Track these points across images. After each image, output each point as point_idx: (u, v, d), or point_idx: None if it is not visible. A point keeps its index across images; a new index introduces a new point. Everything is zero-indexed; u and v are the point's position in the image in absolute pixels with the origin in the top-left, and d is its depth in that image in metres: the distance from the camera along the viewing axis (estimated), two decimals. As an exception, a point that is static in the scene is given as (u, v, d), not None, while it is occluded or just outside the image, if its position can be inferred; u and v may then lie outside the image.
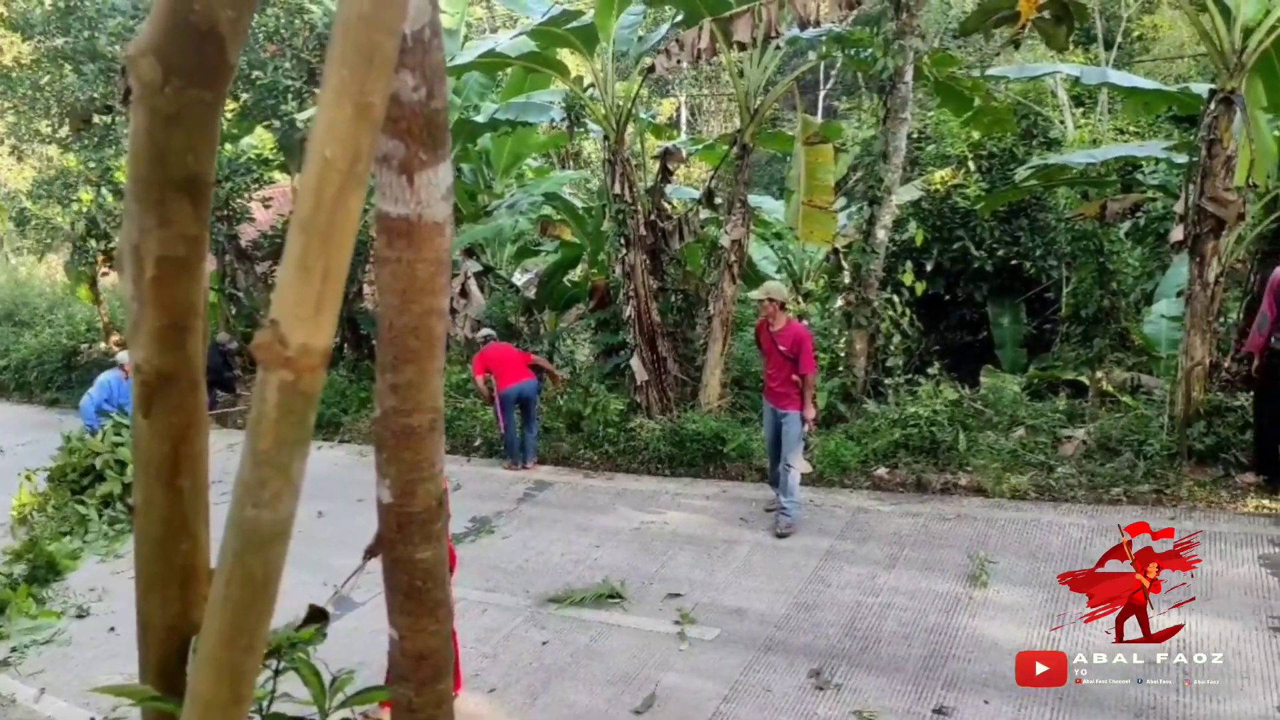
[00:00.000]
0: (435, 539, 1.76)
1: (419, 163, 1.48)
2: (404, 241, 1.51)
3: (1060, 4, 7.58)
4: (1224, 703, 4.86)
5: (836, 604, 6.26)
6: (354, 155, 1.19)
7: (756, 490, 8.42)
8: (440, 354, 1.72)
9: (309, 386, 1.23)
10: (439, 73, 1.48)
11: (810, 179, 9.56)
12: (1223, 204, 7.20)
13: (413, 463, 1.71)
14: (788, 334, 7.31)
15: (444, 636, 1.79)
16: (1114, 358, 9.91)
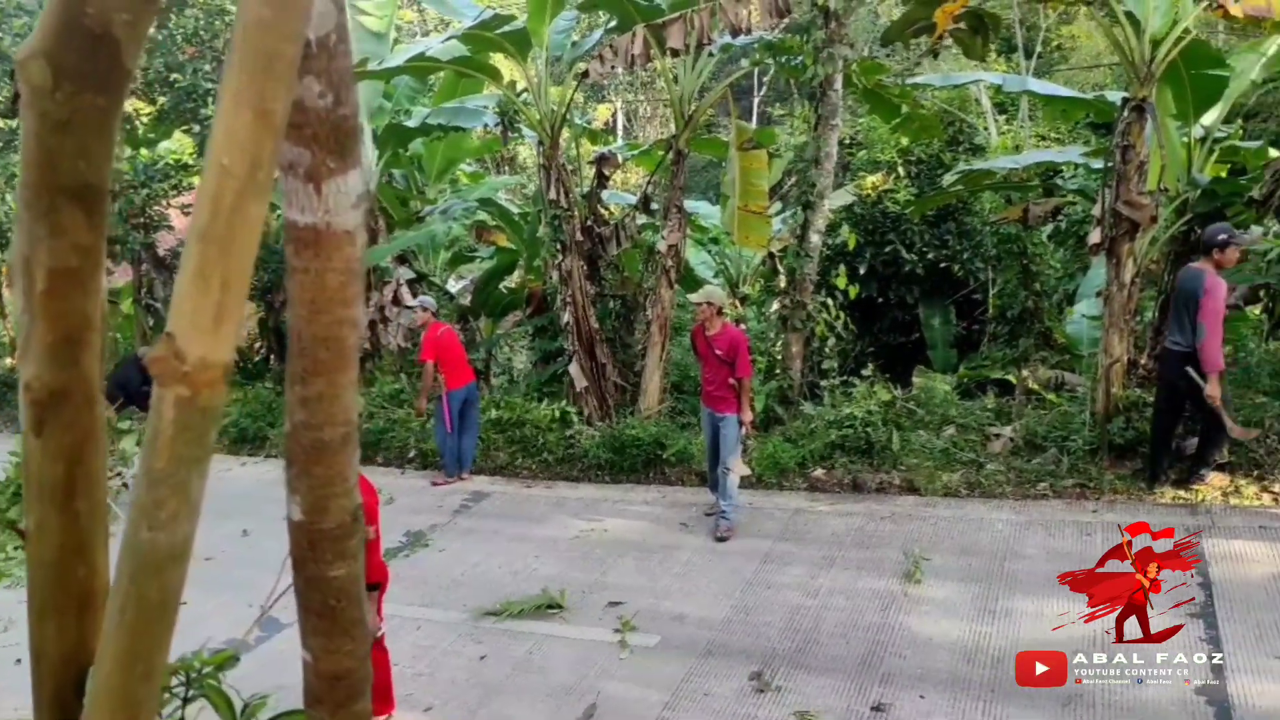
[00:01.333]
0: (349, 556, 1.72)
1: (327, 170, 1.45)
2: (312, 251, 1.48)
3: (976, 16, 7.78)
4: (1143, 686, 5.00)
5: (776, 606, 6.31)
6: (253, 163, 1.16)
7: (696, 495, 8.45)
8: (352, 366, 1.69)
9: (208, 402, 1.19)
10: (346, 79, 1.45)
11: (745, 184, 9.65)
12: (1137, 207, 7.44)
13: (324, 478, 1.67)
14: (724, 338, 7.36)
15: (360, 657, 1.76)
16: (1039, 356, 10.19)
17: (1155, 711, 4.82)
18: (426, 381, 9.12)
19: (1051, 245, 11.62)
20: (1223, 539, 6.43)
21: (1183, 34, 7.31)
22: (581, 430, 9.73)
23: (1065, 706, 4.93)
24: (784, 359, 9.70)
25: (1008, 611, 5.90)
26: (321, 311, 1.52)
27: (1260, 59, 8.52)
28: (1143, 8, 7.28)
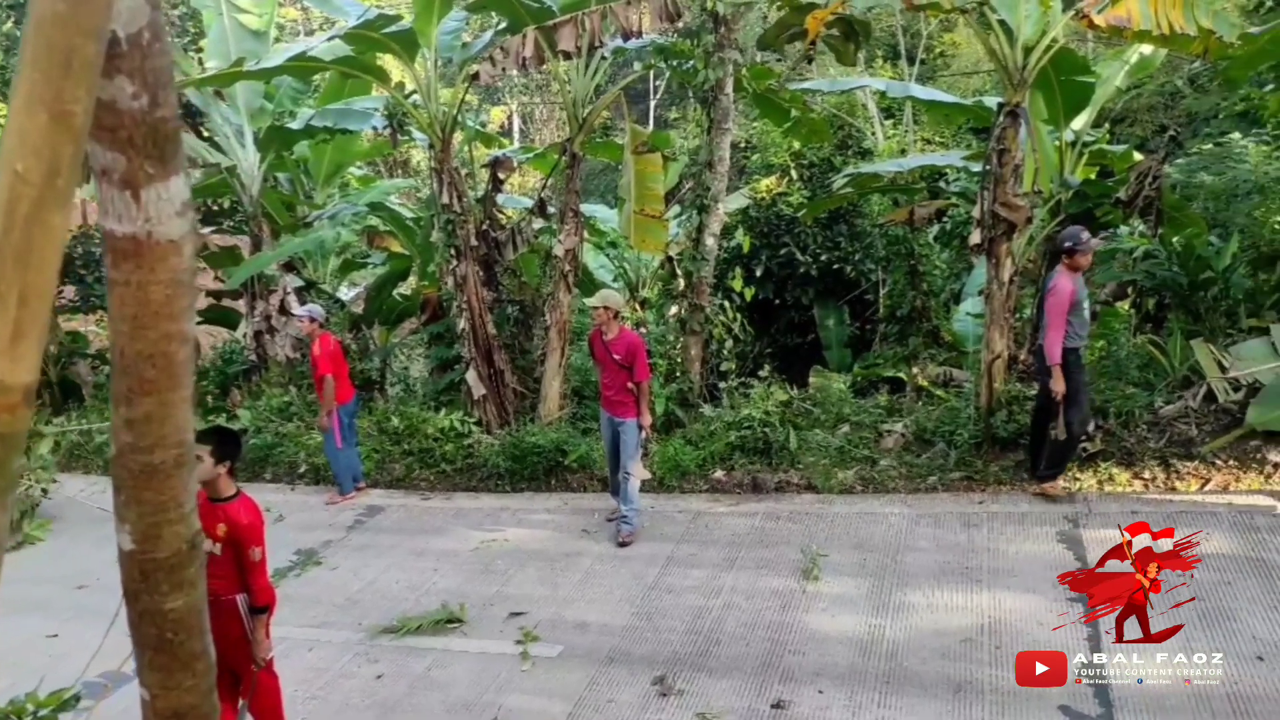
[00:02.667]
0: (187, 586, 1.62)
1: (145, 177, 1.36)
2: (132, 263, 1.38)
3: (847, 23, 7.99)
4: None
5: (678, 609, 6.32)
6: (51, 169, 1.07)
7: (598, 501, 8.42)
8: (185, 383, 1.58)
9: (8, 428, 1.10)
10: (164, 79, 1.36)
11: (640, 188, 9.65)
12: (1013, 209, 7.73)
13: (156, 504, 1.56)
14: (621, 342, 7.34)
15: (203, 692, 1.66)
16: (928, 354, 10.51)
17: (1041, 693, 4.99)
18: (330, 396, 8.72)
19: (937, 246, 12.01)
20: (1098, 526, 6.72)
21: (1052, 42, 7.63)
22: (480, 439, 9.59)
23: (957, 694, 5.07)
24: (683, 362, 9.76)
25: (901, 604, 6.05)
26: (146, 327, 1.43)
27: (1124, 66, 8.98)
28: (1015, 17, 7.57)
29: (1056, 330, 6.88)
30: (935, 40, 19.10)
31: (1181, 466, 7.36)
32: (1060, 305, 6.86)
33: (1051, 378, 6.94)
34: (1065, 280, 6.91)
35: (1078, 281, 6.98)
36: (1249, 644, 5.19)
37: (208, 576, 4.38)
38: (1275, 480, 7.07)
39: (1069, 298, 6.86)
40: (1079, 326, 6.99)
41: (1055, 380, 6.91)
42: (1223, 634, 5.30)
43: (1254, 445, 7.34)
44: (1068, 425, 7.02)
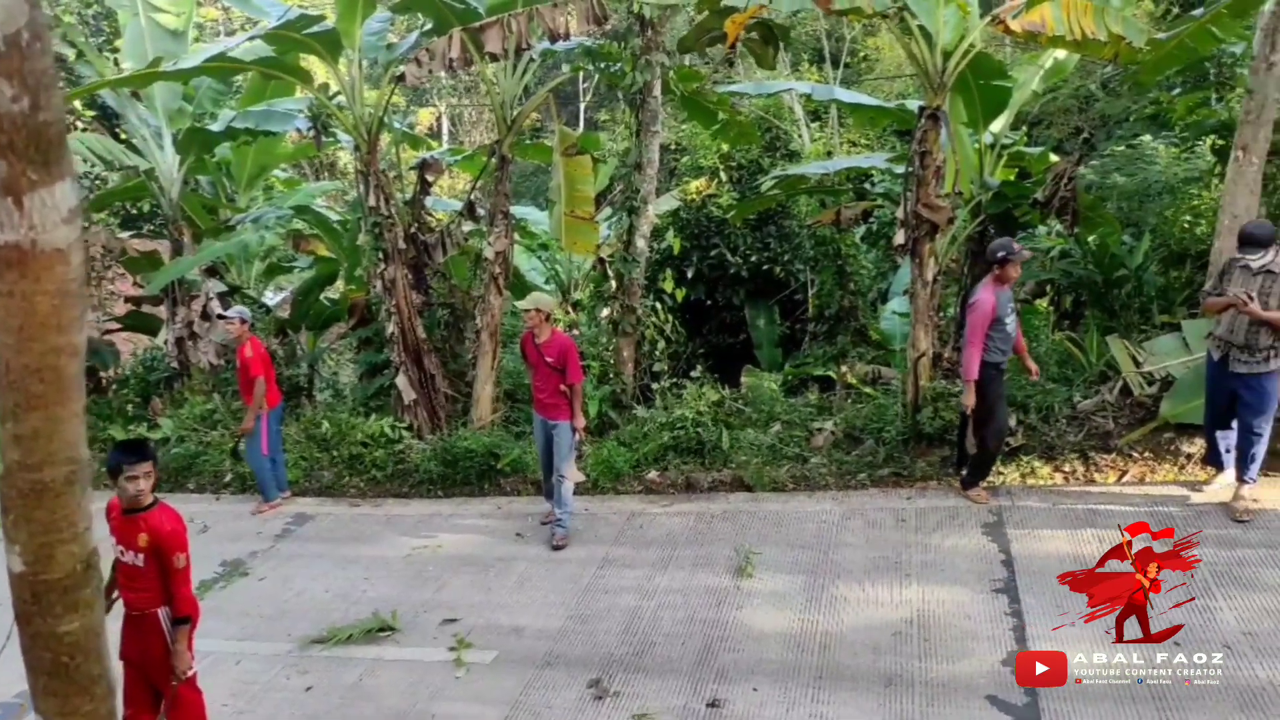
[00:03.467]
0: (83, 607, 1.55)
1: (28, 182, 1.30)
2: (16, 272, 1.32)
3: (766, 27, 8.08)
4: (956, 663, 5.31)
5: (613, 611, 6.33)
6: None
7: (532, 504, 8.37)
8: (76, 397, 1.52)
9: None
10: (45, 80, 1.31)
11: (570, 190, 9.65)
12: (935, 210, 7.91)
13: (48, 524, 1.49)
14: (554, 345, 7.31)
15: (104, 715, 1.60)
16: (856, 353, 10.68)
17: (968, 684, 5.11)
18: (259, 398, 8.48)
19: (864, 246, 12.23)
20: (1021, 517, 6.91)
21: (970, 47, 7.82)
22: (411, 444, 9.46)
23: (888, 687, 5.17)
24: (616, 363, 9.77)
25: (833, 599, 6.14)
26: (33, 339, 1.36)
27: (1039, 71, 9.24)
28: (934, 22, 7.74)
29: (974, 346, 6.84)
30: (859, 44, 19.45)
31: (1100, 459, 7.61)
32: (980, 320, 6.82)
33: (965, 391, 6.97)
34: (987, 294, 6.90)
35: (1001, 295, 6.92)
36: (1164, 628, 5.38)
37: (129, 590, 4.30)
38: (1188, 471, 7.35)
39: (990, 312, 6.82)
40: (1000, 341, 6.93)
41: (966, 395, 6.96)
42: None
43: (1168, 437, 7.62)
44: (982, 440, 7.14)
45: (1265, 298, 6.13)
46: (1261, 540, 6.21)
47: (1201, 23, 7.23)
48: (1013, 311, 7.04)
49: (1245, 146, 8.06)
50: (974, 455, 7.34)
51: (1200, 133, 10.51)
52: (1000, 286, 6.93)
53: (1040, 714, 4.80)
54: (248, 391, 8.54)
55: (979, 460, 7.34)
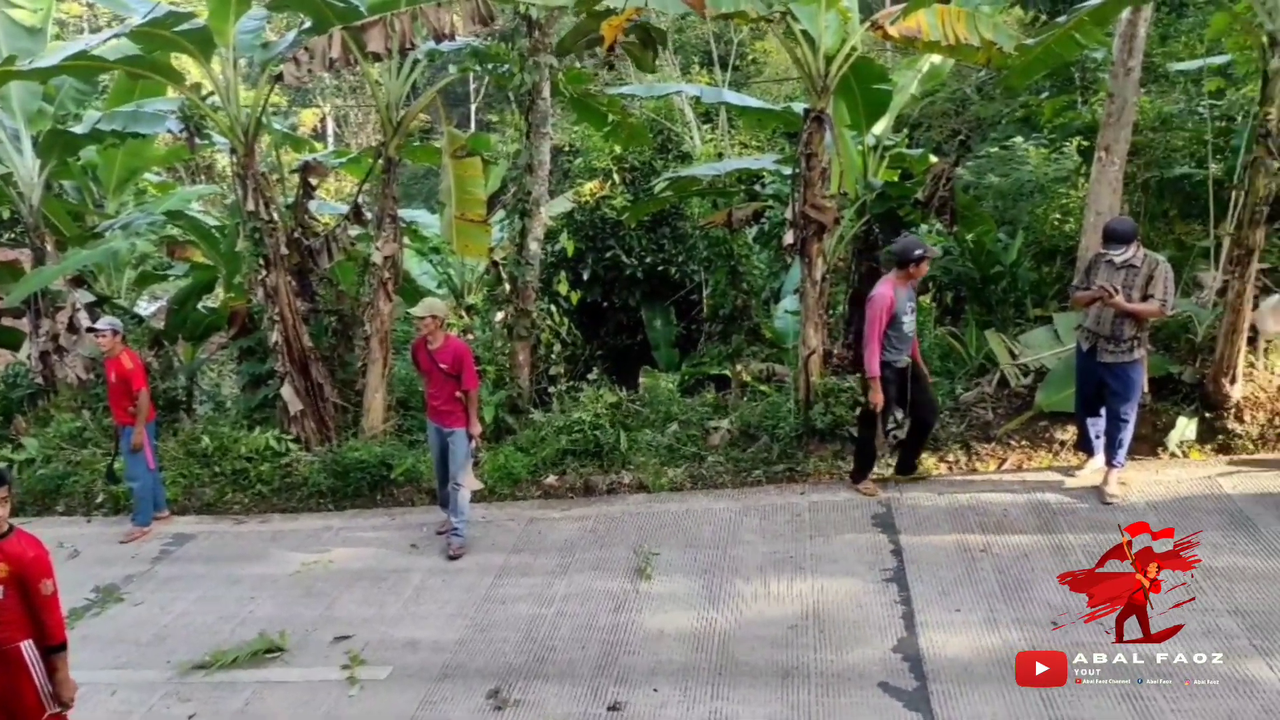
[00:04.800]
0: None
1: None
2: None
3: (644, 30, 8.14)
4: (850, 652, 5.44)
5: (512, 619, 6.25)
6: None
7: (427, 514, 8.18)
8: None
9: None
10: None
11: (461, 192, 9.51)
12: (822, 210, 8.08)
13: None
14: (447, 351, 7.18)
15: None
16: (750, 351, 10.84)
17: (862, 672, 5.23)
18: (144, 410, 8.06)
19: (756, 247, 12.43)
20: (908, 508, 7.11)
21: (851, 51, 8.02)
22: (299, 457, 9.15)
23: (785, 679, 5.25)
24: (511, 368, 9.65)
25: (731, 596, 6.20)
26: None
27: (917, 75, 9.56)
28: (816, 27, 7.90)
29: (874, 340, 6.81)
30: (747, 48, 19.78)
31: (981, 449, 7.89)
32: (877, 313, 6.79)
33: (869, 390, 6.98)
34: (886, 287, 6.89)
35: (900, 292, 6.89)
36: (1044, 611, 5.61)
37: (-10, 624, 4.01)
38: (1062, 457, 7.69)
39: (888, 306, 6.80)
40: (897, 340, 6.94)
41: (873, 393, 6.95)
42: (1021, 603, 5.71)
43: (1043, 426, 7.96)
44: (864, 438, 7.34)
45: (1128, 290, 6.46)
46: (1129, 522, 6.51)
47: (1065, 29, 7.56)
48: (911, 310, 7.06)
49: (1108, 147, 8.50)
50: (856, 449, 7.52)
51: (1067, 134, 11.04)
52: (902, 284, 6.93)
53: (930, 696, 4.95)
54: (122, 406, 8.09)
55: (861, 454, 7.51)
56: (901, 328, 6.93)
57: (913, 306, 7.12)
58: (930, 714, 4.83)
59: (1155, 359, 7.63)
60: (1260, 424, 7.42)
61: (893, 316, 6.85)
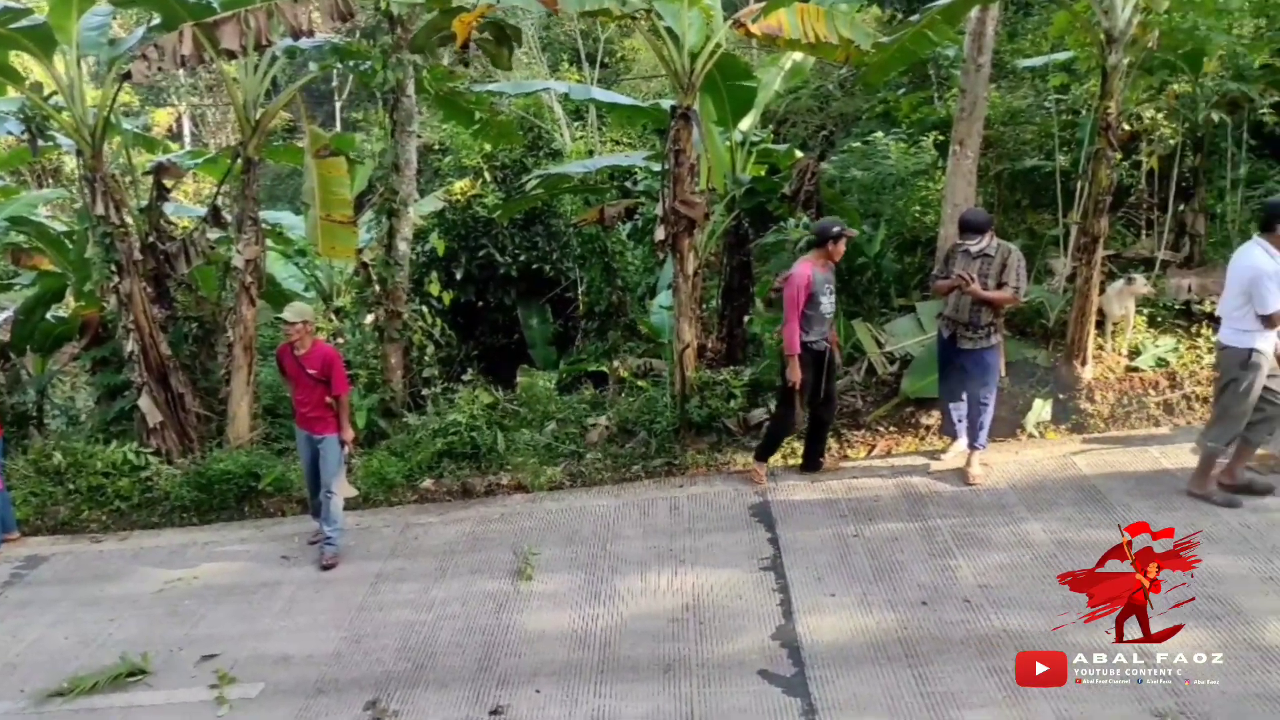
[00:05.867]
0: None
1: None
2: None
3: (498, 27, 8.11)
4: (730, 642, 5.54)
5: (390, 627, 6.12)
6: None
7: (298, 524, 7.93)
8: None
9: None
10: None
11: (325, 193, 9.28)
12: (691, 206, 8.19)
13: None
14: (315, 356, 6.97)
15: None
16: (628, 347, 10.91)
17: (742, 660, 5.34)
18: None
19: (631, 243, 12.50)
20: (784, 496, 7.29)
21: (716, 49, 8.15)
22: (160, 470, 8.71)
23: (667, 673, 5.31)
24: (384, 371, 9.45)
25: (612, 592, 6.24)
26: None
27: (780, 72, 9.79)
28: (680, 24, 8.00)
29: (792, 320, 6.83)
30: (616, 45, 19.86)
31: (851, 435, 8.15)
32: (794, 293, 6.81)
33: (788, 367, 6.98)
34: (804, 267, 6.91)
35: (818, 274, 6.92)
36: (914, 591, 5.85)
37: None
38: (928, 441, 8.02)
39: (806, 285, 6.81)
40: (815, 320, 6.96)
41: (790, 369, 6.95)
42: (893, 585, 5.93)
43: (909, 411, 8.28)
44: (776, 419, 7.42)
45: (984, 279, 6.78)
46: (991, 502, 6.88)
47: (918, 27, 7.85)
48: (830, 292, 7.06)
49: (962, 141, 8.89)
50: (769, 427, 7.60)
51: (924, 129, 11.49)
52: (820, 264, 6.97)
53: (807, 681, 5.08)
54: None
55: (772, 433, 7.57)
56: (819, 308, 6.95)
57: (831, 288, 7.10)
58: (809, 698, 4.95)
59: (1011, 344, 8.04)
60: (1110, 403, 7.90)
61: (810, 296, 6.87)
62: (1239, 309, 6.11)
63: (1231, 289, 6.19)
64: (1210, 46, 8.17)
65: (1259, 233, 6.15)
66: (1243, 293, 6.05)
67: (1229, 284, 6.23)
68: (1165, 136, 9.05)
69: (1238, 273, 6.13)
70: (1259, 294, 5.94)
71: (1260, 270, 5.92)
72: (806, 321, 6.94)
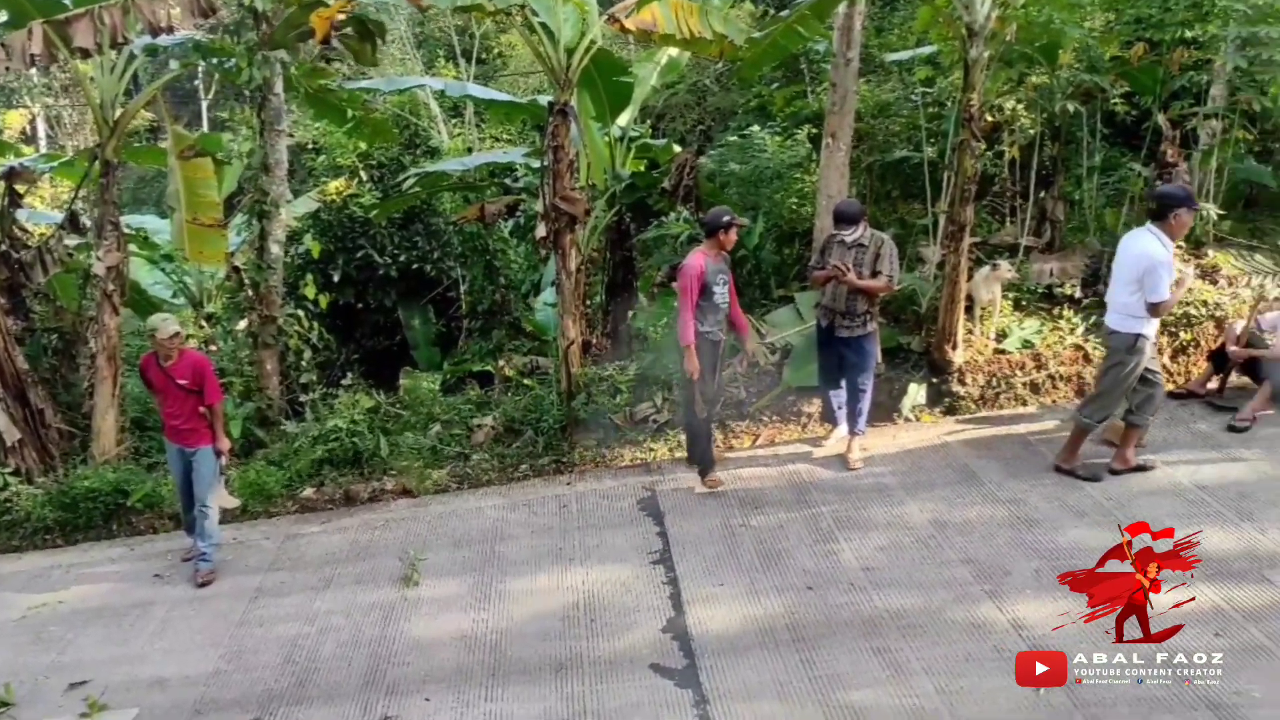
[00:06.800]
0: None
1: None
2: None
3: (360, 22, 7.95)
4: (622, 637, 5.58)
5: (272, 642, 5.93)
6: None
7: (171, 541, 7.59)
8: None
9: None
10: None
11: (191, 195, 8.90)
12: (572, 202, 8.18)
13: None
14: (185, 365, 6.68)
15: None
16: (513, 345, 10.82)
17: (634, 655, 5.38)
18: None
19: (514, 240, 12.41)
20: (671, 489, 7.37)
21: (591, 44, 8.15)
22: (19, 491, 8.20)
23: (559, 672, 5.31)
24: (259, 378, 9.13)
25: (501, 593, 6.20)
26: None
27: (656, 67, 9.86)
28: (554, 20, 7.98)
29: (686, 311, 6.75)
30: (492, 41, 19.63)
31: (736, 426, 8.29)
32: (688, 283, 6.72)
33: (684, 358, 6.87)
34: (696, 258, 6.82)
35: (710, 264, 6.84)
36: (800, 577, 6.00)
37: None
38: (810, 429, 8.22)
39: (699, 275, 6.72)
40: (710, 311, 6.89)
41: (687, 360, 6.83)
42: (779, 572, 6.07)
43: (791, 400, 8.45)
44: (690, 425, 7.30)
45: (859, 268, 6.97)
46: (872, 485, 7.10)
47: (789, 22, 8.01)
48: (723, 282, 6.97)
49: (834, 134, 9.11)
50: (688, 441, 7.50)
51: (797, 122, 11.72)
52: (712, 254, 6.89)
53: (698, 672, 5.16)
54: None
55: (690, 441, 7.45)
56: (713, 298, 6.86)
57: (724, 278, 7.00)
58: (700, 688, 5.02)
59: (887, 331, 8.30)
60: (980, 385, 8.24)
61: (704, 286, 6.78)
62: (1131, 295, 6.21)
63: (1122, 276, 6.29)
64: (1065, 39, 8.58)
65: (1151, 221, 6.25)
66: (1135, 280, 6.15)
67: (1119, 270, 6.35)
68: (1025, 127, 9.48)
69: (1130, 260, 6.23)
70: (1151, 282, 6.05)
71: (1154, 259, 6.03)
72: (700, 312, 6.85)
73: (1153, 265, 6.04)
